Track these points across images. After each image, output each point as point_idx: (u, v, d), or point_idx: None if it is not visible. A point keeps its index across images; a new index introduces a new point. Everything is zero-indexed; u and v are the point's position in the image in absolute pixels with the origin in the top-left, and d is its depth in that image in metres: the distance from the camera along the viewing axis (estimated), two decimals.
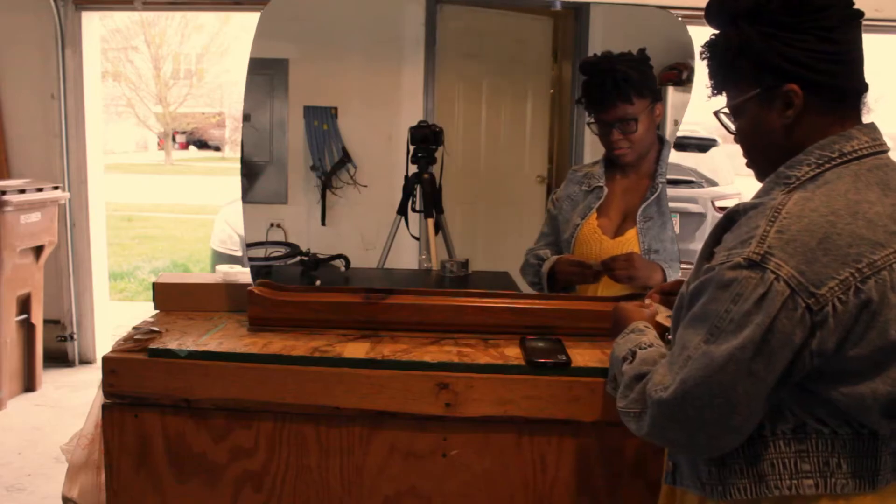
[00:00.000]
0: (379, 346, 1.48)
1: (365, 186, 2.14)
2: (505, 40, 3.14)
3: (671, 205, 1.81)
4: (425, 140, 2.28)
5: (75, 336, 4.14)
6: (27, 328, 3.74)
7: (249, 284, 1.63)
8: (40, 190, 3.65)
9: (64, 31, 3.90)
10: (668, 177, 1.84)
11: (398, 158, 2.19)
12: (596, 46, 3.08)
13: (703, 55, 1.06)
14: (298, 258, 1.99)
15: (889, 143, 1.03)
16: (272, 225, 2.07)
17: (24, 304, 3.70)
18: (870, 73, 1.04)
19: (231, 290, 1.73)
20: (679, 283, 1.19)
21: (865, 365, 0.89)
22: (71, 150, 4.02)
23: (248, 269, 1.77)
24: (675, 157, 5.22)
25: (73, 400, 3.59)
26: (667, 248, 1.71)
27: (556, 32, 3.14)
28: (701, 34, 1.16)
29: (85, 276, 4.16)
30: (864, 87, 1.01)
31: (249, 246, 2.03)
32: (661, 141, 1.80)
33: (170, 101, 23.92)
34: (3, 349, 3.52)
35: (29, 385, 3.75)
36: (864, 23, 1.00)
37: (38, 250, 3.73)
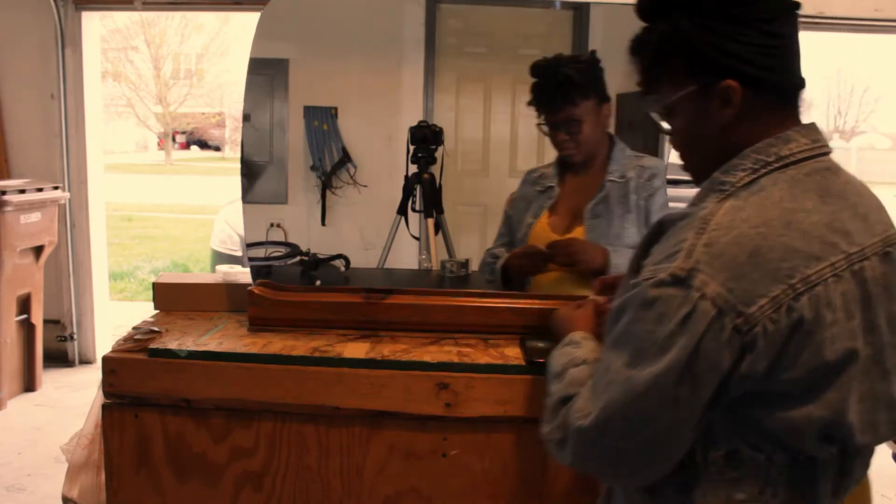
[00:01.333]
0: (379, 346, 1.48)
1: (365, 186, 2.13)
2: (506, 38, 3.14)
3: (672, 205, 1.80)
4: (425, 140, 2.28)
5: (75, 336, 4.14)
6: (27, 328, 3.74)
7: (249, 284, 1.63)
8: (40, 190, 3.65)
9: (64, 31, 3.90)
10: (669, 177, 1.84)
11: (398, 158, 2.19)
12: (596, 46, 3.08)
13: (634, 50, 0.98)
14: (298, 258, 1.99)
15: (889, 143, 1.00)
16: (272, 225, 2.07)
17: (24, 304, 3.70)
18: (870, 73, 1.02)
19: (231, 290, 1.73)
20: (621, 277, 1.11)
21: (800, 388, 0.82)
22: (71, 150, 4.02)
23: (248, 269, 1.77)
24: (675, 156, 5.25)
25: (73, 400, 3.59)
26: (623, 244, 1.70)
27: (558, 30, 3.14)
28: None
29: (85, 276, 4.17)
30: (802, 84, 0.93)
31: (249, 246, 2.03)
32: (612, 140, 1.81)
33: (170, 101, 23.92)
34: (3, 349, 3.52)
35: (29, 385, 3.75)
36: (864, 23, 0.99)
37: (38, 250, 3.73)
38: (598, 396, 0.86)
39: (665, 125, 0.98)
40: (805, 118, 0.94)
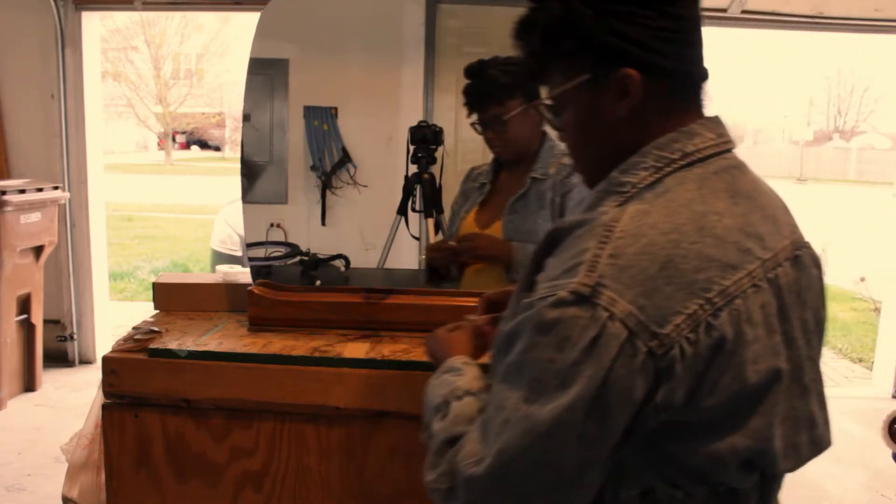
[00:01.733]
0: (379, 346, 1.48)
1: (365, 186, 2.13)
2: (506, 38, 3.14)
3: None
4: (425, 140, 2.28)
5: (75, 336, 4.14)
6: (27, 328, 3.74)
7: (249, 284, 1.63)
8: (40, 190, 3.65)
9: (64, 31, 3.90)
10: None
11: (398, 158, 2.19)
12: None
13: (519, 33, 0.85)
14: (298, 258, 1.99)
15: (889, 143, 0.96)
16: (272, 225, 2.07)
17: (24, 304, 3.70)
18: (870, 73, 0.98)
19: (231, 290, 1.74)
20: (508, 293, 0.95)
21: (722, 416, 0.72)
22: (71, 150, 4.02)
23: (248, 269, 1.77)
24: None
25: (73, 400, 3.59)
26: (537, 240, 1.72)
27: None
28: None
29: (85, 276, 4.17)
30: (705, 74, 0.83)
31: (249, 246, 2.03)
32: (543, 138, 1.83)
33: (170, 101, 23.93)
34: (3, 349, 3.52)
35: (29, 385, 3.75)
36: (864, 23, 0.97)
37: (38, 250, 3.73)
38: (492, 439, 0.72)
39: (554, 119, 0.86)
40: (722, 116, 0.84)
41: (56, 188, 3.79)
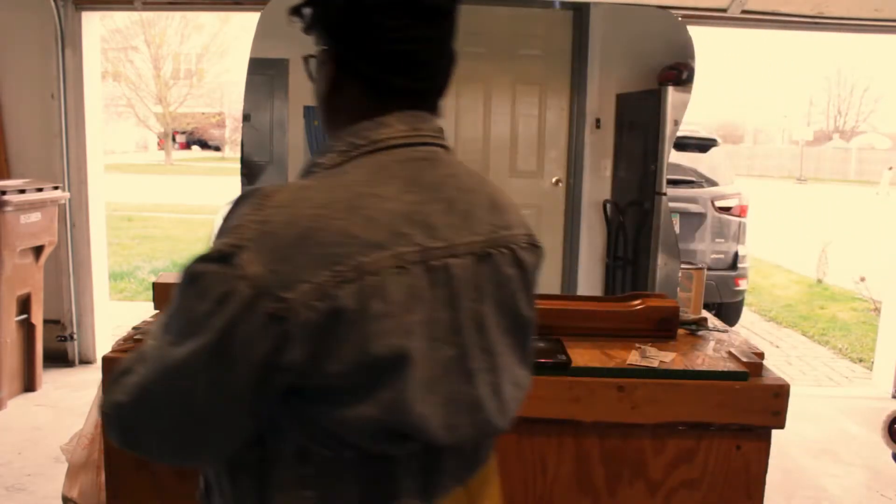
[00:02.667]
0: None
1: None
2: (505, 38, 3.14)
3: (672, 205, 1.80)
4: None
5: (75, 336, 4.15)
6: (27, 328, 3.74)
7: None
8: (40, 190, 3.65)
9: (64, 31, 3.90)
10: (669, 177, 1.84)
11: None
12: (595, 46, 3.09)
13: None
14: None
15: (889, 143, 0.96)
16: None
17: (24, 304, 3.71)
18: (870, 73, 0.99)
19: None
20: None
21: (348, 384, 0.75)
22: (71, 150, 4.02)
23: None
24: (675, 157, 5.23)
25: (73, 400, 3.59)
26: None
27: (558, 30, 3.14)
28: (701, 34, 1.13)
29: (85, 276, 4.17)
30: (431, 88, 0.88)
31: None
32: None
33: (170, 101, 23.96)
34: (3, 349, 3.52)
35: (29, 385, 3.75)
36: (864, 23, 0.96)
37: (38, 250, 3.73)
38: (140, 371, 0.78)
39: (309, 77, 0.92)
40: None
41: (56, 188, 3.79)
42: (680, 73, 2.77)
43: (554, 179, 3.17)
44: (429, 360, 0.78)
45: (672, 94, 2.78)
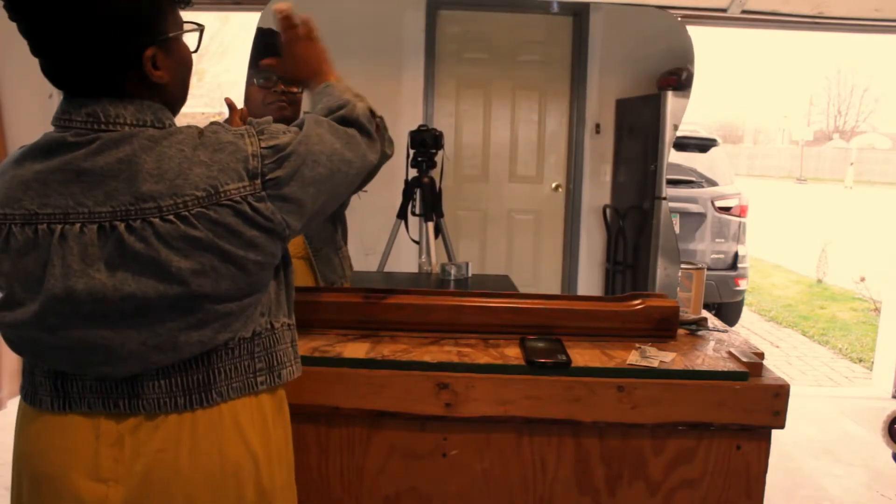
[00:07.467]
0: (379, 346, 1.48)
1: (365, 191, 2.15)
2: (505, 44, 3.14)
3: (672, 205, 1.80)
4: (425, 144, 2.28)
5: None
6: None
7: None
8: None
9: None
10: (668, 177, 1.84)
11: (398, 163, 2.19)
12: (595, 49, 3.09)
13: None
14: None
15: (889, 143, 0.96)
16: None
17: None
18: (870, 73, 0.98)
19: None
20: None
21: None
22: None
23: None
24: (675, 157, 5.22)
25: None
26: None
27: (558, 35, 3.14)
28: (701, 34, 1.14)
29: None
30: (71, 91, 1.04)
31: None
32: None
33: None
34: (2, 349, 3.52)
35: None
36: (864, 23, 0.96)
37: None
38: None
39: None
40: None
41: None
42: (679, 76, 2.78)
43: (554, 185, 3.18)
44: None
45: (672, 98, 2.78)
